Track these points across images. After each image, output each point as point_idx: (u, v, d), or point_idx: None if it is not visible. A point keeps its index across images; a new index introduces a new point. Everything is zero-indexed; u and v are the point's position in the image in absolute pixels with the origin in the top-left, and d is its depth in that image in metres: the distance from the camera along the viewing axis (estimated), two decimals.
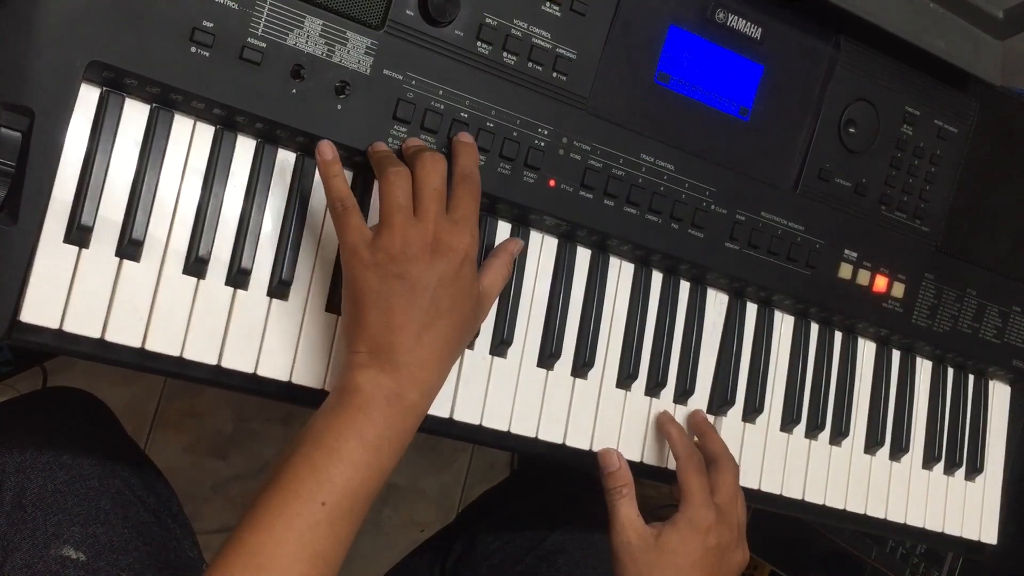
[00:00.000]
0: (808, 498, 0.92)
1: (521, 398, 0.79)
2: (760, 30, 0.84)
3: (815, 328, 0.93)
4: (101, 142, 0.65)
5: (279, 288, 0.71)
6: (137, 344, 0.66)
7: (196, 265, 0.68)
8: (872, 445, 0.95)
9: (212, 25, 0.66)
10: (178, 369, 0.68)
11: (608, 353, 0.83)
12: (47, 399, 0.85)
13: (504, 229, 0.79)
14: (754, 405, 0.89)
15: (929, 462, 0.99)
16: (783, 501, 0.91)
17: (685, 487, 0.77)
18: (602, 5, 0.77)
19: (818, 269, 0.89)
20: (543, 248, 0.81)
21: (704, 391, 0.88)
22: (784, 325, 0.92)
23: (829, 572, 1.44)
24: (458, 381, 0.76)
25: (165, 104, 0.68)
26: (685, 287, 0.87)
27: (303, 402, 0.71)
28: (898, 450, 0.96)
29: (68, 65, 0.63)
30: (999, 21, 0.88)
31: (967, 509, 1.01)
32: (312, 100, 0.69)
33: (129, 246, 0.66)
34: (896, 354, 0.98)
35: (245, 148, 0.71)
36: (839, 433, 0.93)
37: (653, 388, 0.85)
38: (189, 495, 1.39)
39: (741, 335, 0.89)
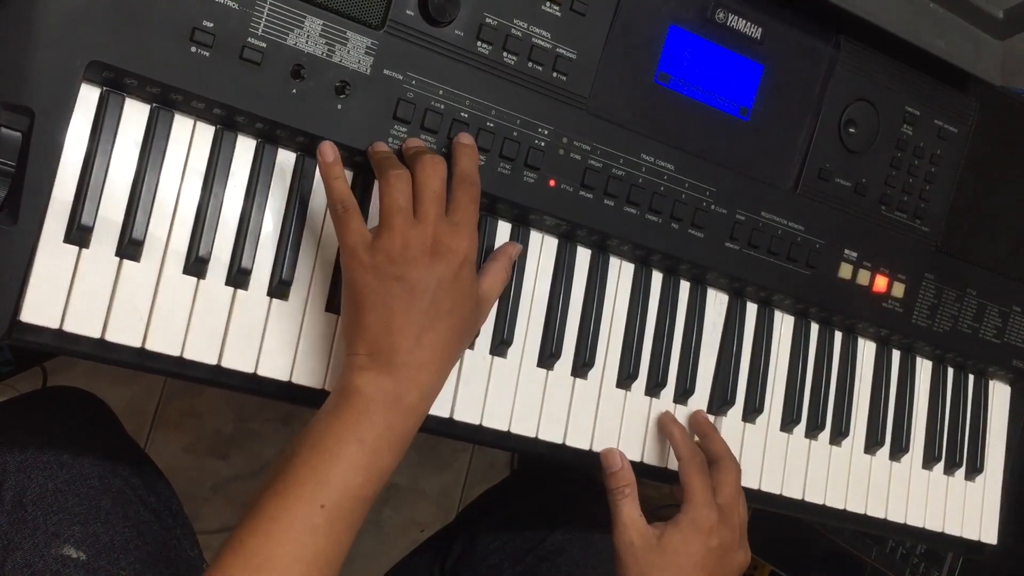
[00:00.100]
0: (808, 498, 0.92)
1: (521, 398, 0.79)
2: (760, 30, 0.84)
3: (815, 328, 0.93)
4: (101, 142, 0.65)
5: (279, 288, 0.71)
6: (137, 344, 0.66)
7: (196, 265, 0.68)
8: (872, 445, 0.95)
9: (212, 25, 0.66)
10: (178, 369, 0.68)
11: (608, 353, 0.83)
12: (47, 399, 0.85)
13: (504, 229, 0.79)
14: (754, 405, 0.89)
15: (929, 462, 0.99)
16: (783, 501, 0.91)
17: (688, 487, 0.77)
18: (602, 5, 0.77)
19: (818, 269, 0.89)
20: (543, 248, 0.81)
21: (704, 391, 0.88)
22: (784, 325, 0.92)
23: (829, 572, 1.44)
24: (458, 381, 0.76)
25: (165, 104, 0.68)
26: (685, 287, 0.87)
27: (303, 402, 0.71)
28: (898, 450, 0.96)
29: (68, 65, 0.63)
30: (999, 21, 0.88)
31: (967, 509, 1.01)
32: (312, 100, 0.69)
33: (129, 246, 0.66)
34: (896, 354, 0.98)
35: (245, 148, 0.71)
36: (839, 433, 0.93)
37: (653, 388, 0.85)
38: (189, 495, 1.39)
39: (741, 335, 0.89)
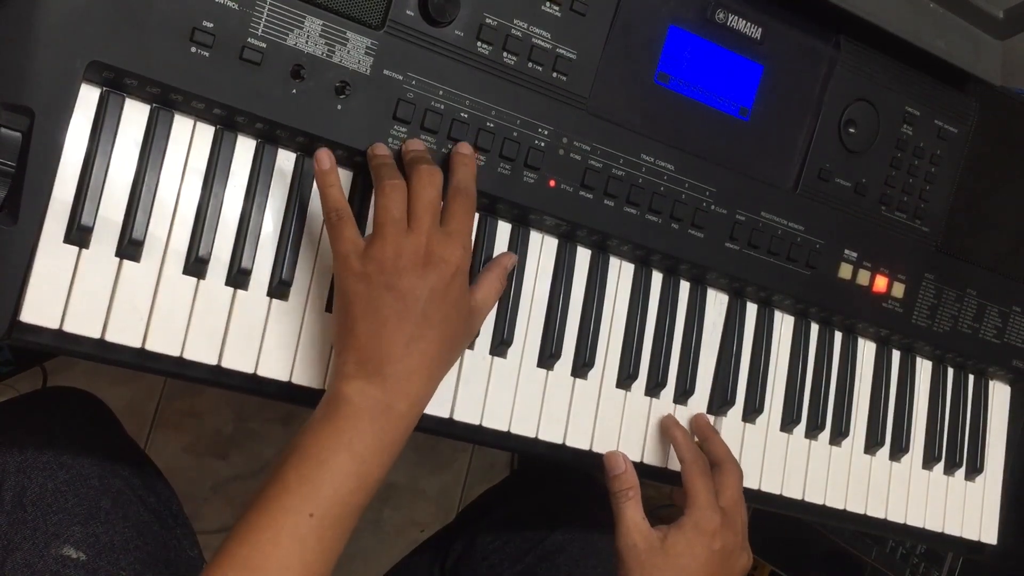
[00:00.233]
0: (808, 498, 0.92)
1: (521, 398, 0.79)
2: (760, 30, 0.84)
3: (815, 328, 0.93)
4: (101, 142, 0.65)
5: (279, 288, 0.71)
6: (137, 344, 0.66)
7: (196, 265, 0.68)
8: (872, 445, 0.95)
9: (212, 25, 0.66)
10: (178, 369, 0.68)
11: (608, 353, 0.83)
12: (47, 399, 0.85)
13: (504, 229, 0.79)
14: (754, 405, 0.89)
15: (929, 462, 0.99)
16: (783, 501, 0.91)
17: (690, 490, 0.77)
18: (602, 5, 0.77)
19: (818, 269, 0.89)
20: (543, 248, 0.81)
21: (704, 391, 0.88)
22: (784, 325, 0.92)
23: (829, 572, 1.44)
24: (458, 381, 0.76)
25: (165, 104, 0.68)
26: (685, 287, 0.87)
27: (303, 402, 0.71)
28: (898, 450, 0.96)
29: (68, 65, 0.63)
30: (999, 21, 0.88)
31: (967, 509, 1.01)
32: (312, 100, 0.69)
33: (129, 246, 0.66)
34: (896, 354, 0.98)
35: (245, 148, 0.71)
36: (839, 433, 0.93)
37: (653, 388, 0.85)
38: (189, 495, 1.39)
39: (741, 335, 0.89)
